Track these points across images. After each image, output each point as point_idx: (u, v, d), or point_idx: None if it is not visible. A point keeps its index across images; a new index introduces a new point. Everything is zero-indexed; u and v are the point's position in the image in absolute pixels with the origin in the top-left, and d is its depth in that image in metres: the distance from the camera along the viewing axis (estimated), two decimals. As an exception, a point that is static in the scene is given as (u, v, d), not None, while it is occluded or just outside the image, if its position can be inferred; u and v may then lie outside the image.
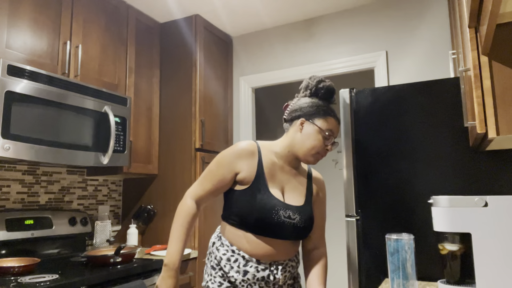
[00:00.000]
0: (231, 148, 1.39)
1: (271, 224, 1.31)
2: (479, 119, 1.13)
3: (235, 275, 1.33)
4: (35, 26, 2.06)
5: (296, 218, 1.35)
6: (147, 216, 2.71)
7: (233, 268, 1.33)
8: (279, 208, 1.32)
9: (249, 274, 1.32)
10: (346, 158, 1.91)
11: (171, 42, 2.91)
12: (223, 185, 1.37)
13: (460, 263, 1.27)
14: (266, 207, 1.31)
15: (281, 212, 1.32)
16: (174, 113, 2.81)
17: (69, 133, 2.07)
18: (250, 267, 1.32)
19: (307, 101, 1.40)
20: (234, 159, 1.36)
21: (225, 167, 1.36)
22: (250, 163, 1.36)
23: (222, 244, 1.38)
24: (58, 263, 2.11)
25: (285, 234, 1.33)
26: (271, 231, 1.31)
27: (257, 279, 1.32)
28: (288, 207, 1.35)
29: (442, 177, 1.71)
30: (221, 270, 1.37)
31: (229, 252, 1.35)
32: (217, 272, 1.37)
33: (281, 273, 1.35)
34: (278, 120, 4.31)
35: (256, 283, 1.32)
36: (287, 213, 1.33)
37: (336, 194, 3.91)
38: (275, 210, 1.31)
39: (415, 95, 1.81)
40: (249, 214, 1.31)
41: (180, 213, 1.37)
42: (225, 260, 1.35)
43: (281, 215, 1.32)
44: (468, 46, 1.20)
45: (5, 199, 2.17)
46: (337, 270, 3.83)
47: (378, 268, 1.78)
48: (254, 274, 1.32)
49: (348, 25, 2.84)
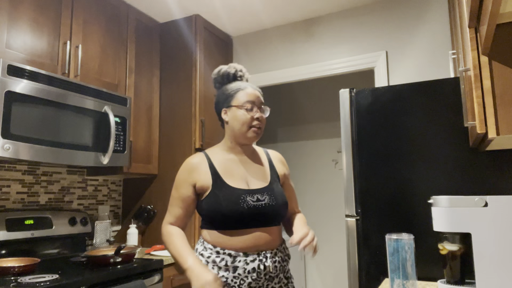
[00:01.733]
0: (181, 168, 1.46)
1: (243, 212, 1.33)
2: (479, 119, 1.13)
3: (224, 274, 1.33)
4: (35, 26, 2.06)
5: (265, 199, 1.37)
6: (147, 216, 2.72)
7: (221, 268, 1.34)
8: (245, 196, 1.36)
9: (239, 269, 1.32)
10: (346, 158, 1.91)
11: (171, 42, 2.91)
12: (189, 202, 1.43)
13: (460, 263, 1.27)
14: (232, 199, 1.34)
15: (248, 198, 1.35)
16: (174, 113, 2.81)
17: (69, 133, 2.07)
18: (238, 262, 1.33)
19: (221, 90, 1.48)
20: (186, 175, 1.42)
21: (182, 186, 1.42)
22: (202, 171, 1.41)
23: (205, 248, 1.39)
24: (58, 263, 2.11)
25: (262, 219, 1.35)
26: (247, 220, 1.34)
27: (248, 272, 1.32)
28: (254, 192, 1.38)
29: (442, 177, 1.71)
30: None
31: (213, 255, 1.36)
32: None
33: (271, 261, 1.35)
34: (278, 120, 4.31)
35: (248, 276, 1.32)
36: (254, 197, 1.36)
37: (336, 194, 3.91)
38: (242, 198, 1.35)
39: (415, 95, 1.81)
40: (219, 213, 1.34)
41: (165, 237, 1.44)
42: (211, 263, 1.35)
43: (249, 201, 1.35)
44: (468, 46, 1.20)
45: (5, 199, 2.17)
46: (337, 270, 3.83)
47: (378, 268, 1.78)
48: (244, 268, 1.32)
49: (348, 25, 2.84)
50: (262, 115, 1.43)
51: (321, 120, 4.09)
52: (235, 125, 1.41)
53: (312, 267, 3.96)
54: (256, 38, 3.20)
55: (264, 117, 1.44)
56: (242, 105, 1.40)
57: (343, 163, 1.92)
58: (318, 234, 3.95)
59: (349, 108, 1.93)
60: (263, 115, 1.43)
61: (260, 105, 1.44)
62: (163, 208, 2.74)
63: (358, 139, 1.90)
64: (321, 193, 3.98)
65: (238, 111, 1.41)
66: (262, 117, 1.42)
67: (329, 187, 3.96)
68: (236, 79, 1.51)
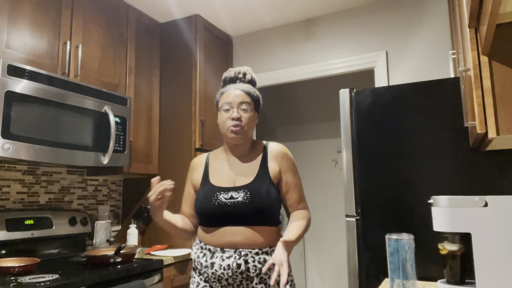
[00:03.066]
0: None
1: (214, 209, 1.36)
2: (479, 119, 1.13)
3: (205, 270, 1.37)
4: (35, 26, 2.06)
5: (239, 196, 1.36)
6: (147, 216, 2.71)
7: (203, 264, 1.38)
8: (219, 193, 1.38)
9: (216, 265, 1.33)
10: (346, 158, 1.91)
11: (171, 42, 2.91)
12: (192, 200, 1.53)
13: (460, 263, 1.27)
14: (207, 195, 1.40)
15: (222, 196, 1.38)
16: (174, 113, 2.81)
17: (69, 133, 2.07)
18: (216, 257, 1.35)
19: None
20: (189, 174, 1.56)
21: (187, 184, 1.57)
22: (198, 170, 1.52)
23: (196, 244, 1.46)
24: (58, 263, 2.11)
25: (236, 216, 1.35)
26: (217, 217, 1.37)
27: (223, 268, 1.32)
28: (231, 189, 1.38)
29: (442, 177, 1.71)
30: (196, 270, 1.43)
31: (198, 250, 1.42)
32: (196, 272, 1.44)
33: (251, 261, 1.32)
34: (278, 120, 4.31)
35: (224, 273, 1.32)
36: (228, 194, 1.38)
37: (336, 194, 3.91)
38: (215, 196, 1.38)
39: (415, 95, 1.81)
40: (198, 208, 1.41)
41: None
42: (197, 258, 1.41)
43: (221, 198, 1.37)
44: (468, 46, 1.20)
45: (5, 199, 2.17)
46: (337, 270, 3.83)
47: (378, 268, 1.78)
48: (220, 264, 1.33)
49: (348, 25, 2.84)
50: (239, 115, 1.40)
51: (321, 120, 4.09)
52: (220, 127, 1.47)
53: (312, 267, 3.96)
54: (256, 38, 3.20)
55: (243, 116, 1.41)
56: (221, 107, 1.45)
57: (343, 163, 1.92)
58: (318, 234, 3.95)
59: (349, 108, 1.93)
60: (242, 114, 1.41)
61: (238, 105, 1.41)
62: (163, 208, 2.74)
63: (358, 139, 1.90)
64: (321, 193, 3.98)
65: (219, 114, 1.46)
66: (240, 117, 1.41)
67: (329, 187, 3.96)
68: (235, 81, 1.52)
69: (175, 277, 2.33)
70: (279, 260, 1.20)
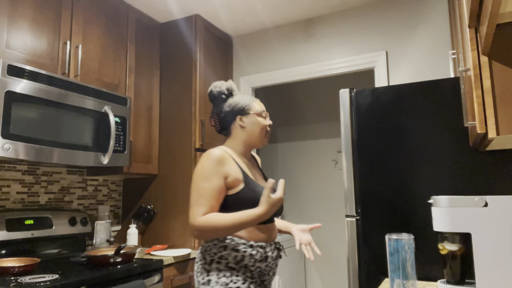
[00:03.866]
0: (207, 159, 1.44)
1: None
2: (479, 119, 1.13)
3: (259, 264, 1.44)
4: (35, 26, 2.06)
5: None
6: (147, 216, 2.71)
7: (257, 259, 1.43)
8: None
9: (269, 258, 1.47)
10: (346, 158, 1.91)
11: (171, 42, 2.91)
12: (223, 194, 1.43)
13: (460, 263, 1.27)
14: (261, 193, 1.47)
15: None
16: (174, 113, 2.81)
17: (69, 133, 2.07)
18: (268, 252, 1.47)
19: (231, 103, 1.59)
20: (217, 167, 1.42)
21: (214, 177, 1.41)
22: (231, 166, 1.45)
23: (238, 244, 1.42)
24: (58, 263, 2.11)
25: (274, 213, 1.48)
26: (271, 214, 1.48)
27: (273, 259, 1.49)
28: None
29: (442, 177, 1.71)
30: (243, 268, 1.41)
31: (249, 248, 1.42)
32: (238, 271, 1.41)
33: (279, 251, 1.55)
34: (277, 120, 4.31)
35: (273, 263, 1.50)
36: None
37: (336, 194, 3.91)
38: None
39: (415, 95, 1.81)
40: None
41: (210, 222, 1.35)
42: (248, 257, 1.41)
43: None
44: (468, 46, 1.20)
45: (5, 199, 2.17)
46: (337, 270, 3.83)
47: (378, 268, 1.78)
48: (272, 256, 1.48)
49: (348, 25, 2.84)
50: (271, 122, 1.60)
51: (321, 120, 4.09)
52: (255, 130, 1.55)
53: (312, 267, 3.96)
54: (256, 38, 3.20)
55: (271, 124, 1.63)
56: (260, 113, 1.57)
57: (343, 163, 1.92)
58: (318, 234, 3.95)
59: (349, 108, 1.93)
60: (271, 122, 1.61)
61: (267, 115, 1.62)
62: (163, 208, 2.74)
63: (358, 139, 1.90)
64: (321, 193, 3.98)
65: (257, 117, 1.56)
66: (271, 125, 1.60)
67: (329, 187, 3.96)
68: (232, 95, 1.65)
69: (175, 277, 2.33)
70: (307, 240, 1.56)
